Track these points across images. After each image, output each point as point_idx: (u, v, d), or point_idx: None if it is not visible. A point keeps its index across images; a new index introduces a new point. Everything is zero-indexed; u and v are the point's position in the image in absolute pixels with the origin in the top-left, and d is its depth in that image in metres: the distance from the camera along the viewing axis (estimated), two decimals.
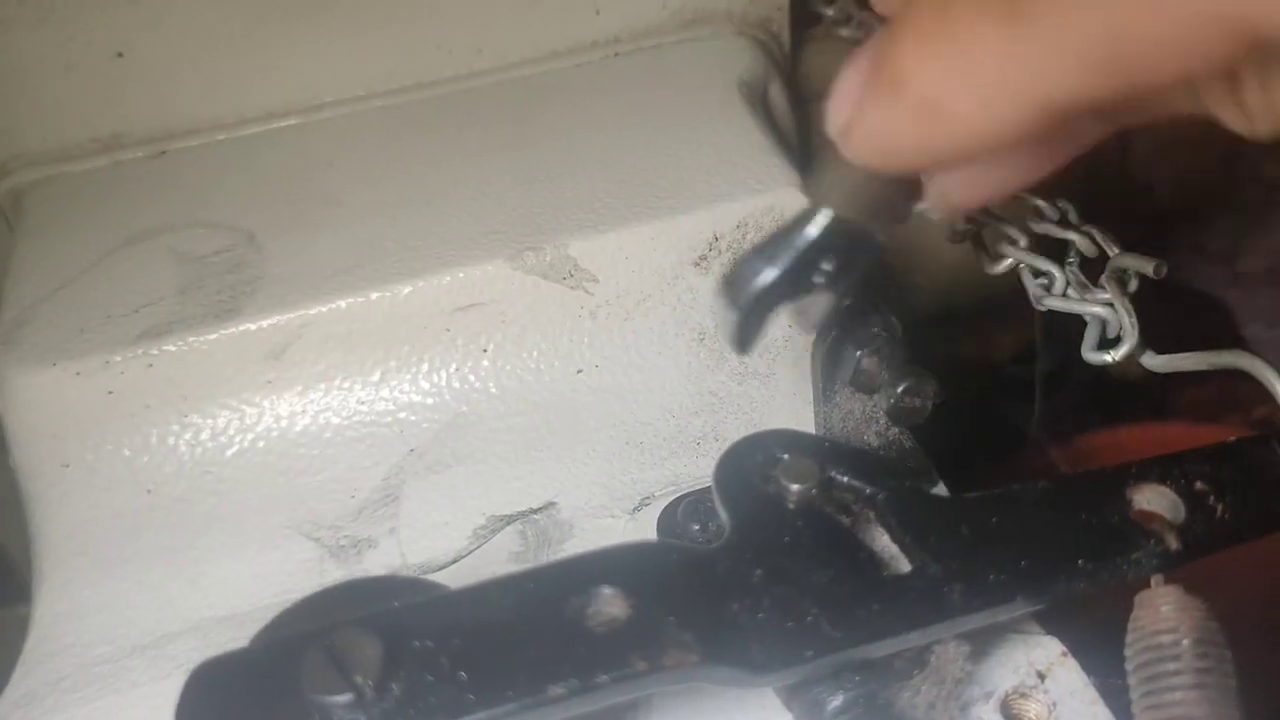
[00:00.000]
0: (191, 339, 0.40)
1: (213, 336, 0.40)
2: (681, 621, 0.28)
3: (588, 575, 0.29)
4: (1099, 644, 0.33)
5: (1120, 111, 0.27)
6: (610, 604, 0.28)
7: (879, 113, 0.26)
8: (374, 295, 0.41)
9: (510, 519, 0.40)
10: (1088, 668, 0.33)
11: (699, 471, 0.41)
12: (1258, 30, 0.21)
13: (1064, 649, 0.34)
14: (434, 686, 0.27)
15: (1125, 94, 0.22)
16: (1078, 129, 0.28)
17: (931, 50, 0.24)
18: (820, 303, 0.30)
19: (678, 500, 0.38)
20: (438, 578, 0.38)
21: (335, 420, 0.41)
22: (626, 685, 0.27)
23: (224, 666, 0.28)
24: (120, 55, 0.47)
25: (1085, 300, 0.36)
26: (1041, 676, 0.33)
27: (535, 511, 0.40)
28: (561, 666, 0.27)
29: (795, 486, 0.32)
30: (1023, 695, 0.33)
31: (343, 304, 0.41)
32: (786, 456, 0.33)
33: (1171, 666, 0.28)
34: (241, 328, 0.41)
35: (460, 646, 0.27)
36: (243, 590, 0.39)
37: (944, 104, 0.24)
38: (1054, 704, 0.32)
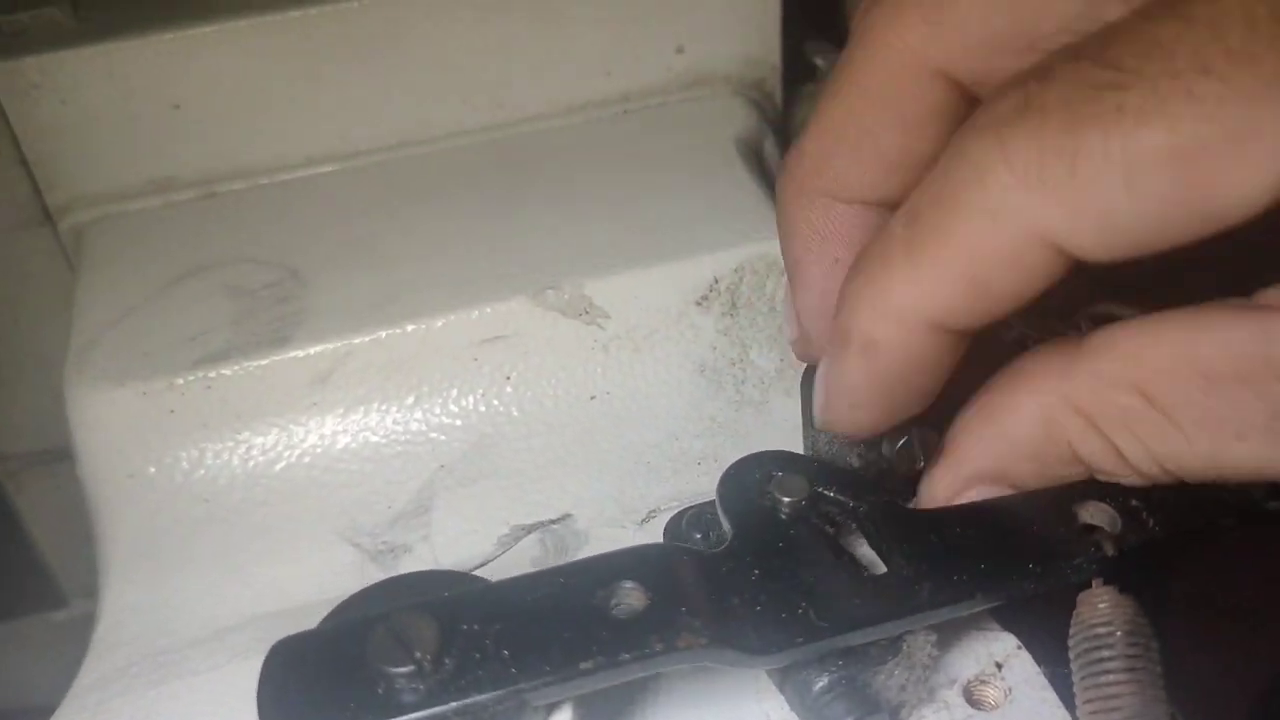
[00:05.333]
0: (246, 364, 0.45)
1: (265, 362, 0.45)
2: (692, 611, 0.33)
3: (610, 571, 0.34)
4: (1048, 640, 0.38)
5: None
6: (630, 596, 0.33)
7: (836, 368, 0.32)
8: (410, 327, 0.46)
9: (531, 528, 0.45)
10: (1038, 659, 0.38)
11: (700, 488, 0.45)
12: (1077, 252, 0.27)
13: (1019, 643, 0.39)
14: (481, 662, 0.31)
15: (986, 312, 0.29)
16: None
17: (860, 298, 0.31)
18: None
19: (681, 513, 0.42)
20: None
21: (374, 439, 0.46)
22: (646, 663, 0.32)
23: (299, 643, 0.32)
24: (177, 107, 0.52)
25: None
26: (999, 666, 0.38)
27: (554, 522, 0.45)
28: (590, 646, 0.31)
29: (787, 499, 0.37)
30: (982, 682, 0.38)
31: (382, 334, 0.46)
32: (780, 474, 0.38)
33: (1106, 654, 0.33)
34: (291, 354, 0.45)
35: (502, 629, 0.32)
36: (291, 589, 0.43)
37: (875, 337, 0.30)
38: (1009, 689, 0.37)
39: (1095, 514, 0.36)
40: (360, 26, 0.53)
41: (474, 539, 0.44)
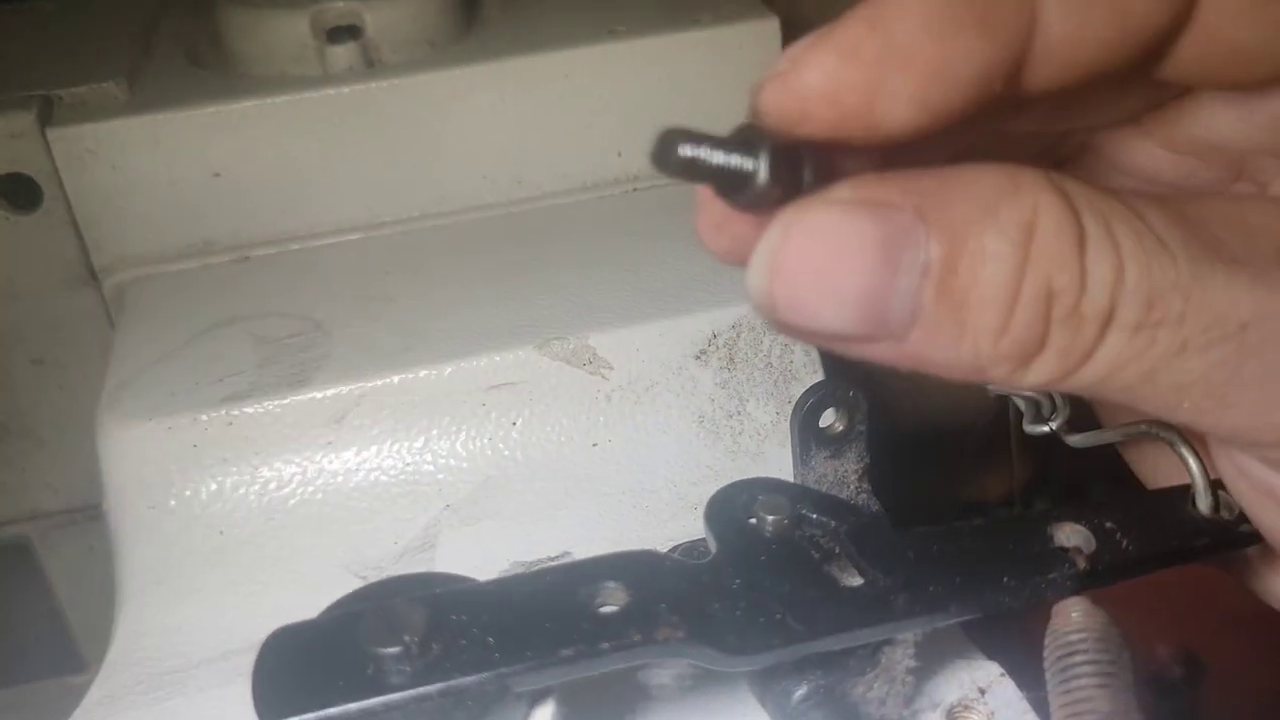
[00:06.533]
0: (267, 403, 0.47)
1: (285, 402, 0.48)
2: (671, 608, 0.34)
3: (595, 572, 0.35)
4: (1031, 668, 0.39)
5: None
6: (613, 595, 0.34)
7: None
8: (422, 373, 0.48)
9: (530, 565, 0.46)
10: (1021, 685, 0.39)
11: (696, 531, 0.46)
12: None
13: (1002, 670, 0.39)
14: (467, 648, 0.32)
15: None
16: None
17: None
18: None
19: (675, 547, 0.44)
20: None
21: (384, 478, 0.48)
22: (624, 653, 0.33)
23: (293, 632, 0.34)
24: (217, 175, 0.56)
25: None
26: (982, 692, 0.38)
27: (552, 559, 0.46)
28: (571, 635, 0.33)
29: (771, 518, 0.38)
30: (966, 707, 0.38)
31: (395, 379, 0.48)
32: (764, 496, 0.39)
33: (1079, 659, 0.34)
34: (309, 396, 0.48)
35: (489, 620, 0.33)
36: (297, 617, 0.44)
37: None
38: (992, 713, 0.38)
39: (1070, 535, 0.37)
40: (389, 107, 0.57)
41: (476, 574, 0.46)
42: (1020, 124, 0.33)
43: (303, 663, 0.33)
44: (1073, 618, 0.35)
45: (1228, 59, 0.30)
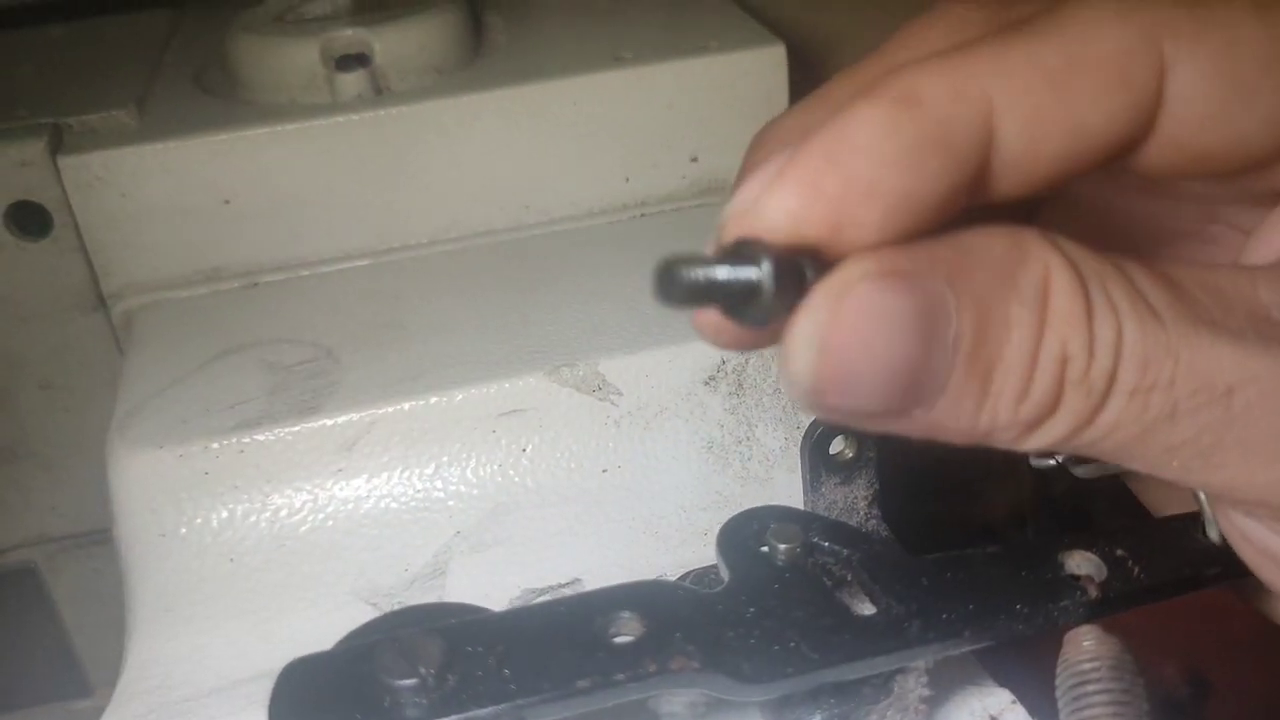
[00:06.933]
0: (278, 430, 0.47)
1: (296, 429, 0.48)
2: (686, 638, 0.34)
3: (610, 602, 0.35)
4: (1043, 696, 0.39)
5: None
6: (627, 625, 0.35)
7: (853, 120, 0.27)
8: (433, 399, 0.49)
9: (541, 592, 0.46)
10: (1033, 713, 0.39)
11: (706, 557, 0.46)
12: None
13: (1014, 698, 0.39)
14: (483, 679, 0.33)
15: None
16: None
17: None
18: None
19: (685, 574, 0.44)
20: None
21: (394, 505, 0.48)
22: (639, 684, 0.33)
23: (310, 663, 0.34)
24: (227, 202, 0.56)
25: None
26: (993, 719, 0.39)
27: (563, 585, 0.46)
28: (586, 666, 0.33)
29: (783, 546, 0.38)
30: None
31: (406, 406, 0.48)
32: (776, 525, 0.39)
33: (1091, 688, 0.34)
34: (320, 423, 0.48)
35: (504, 651, 0.33)
36: (309, 645, 0.45)
37: (921, 93, 0.28)
38: None
39: (1082, 563, 0.38)
40: (398, 134, 0.58)
41: (486, 601, 0.46)
42: None
43: (319, 694, 0.33)
44: (1085, 646, 0.35)
45: (1193, 162, 0.30)
